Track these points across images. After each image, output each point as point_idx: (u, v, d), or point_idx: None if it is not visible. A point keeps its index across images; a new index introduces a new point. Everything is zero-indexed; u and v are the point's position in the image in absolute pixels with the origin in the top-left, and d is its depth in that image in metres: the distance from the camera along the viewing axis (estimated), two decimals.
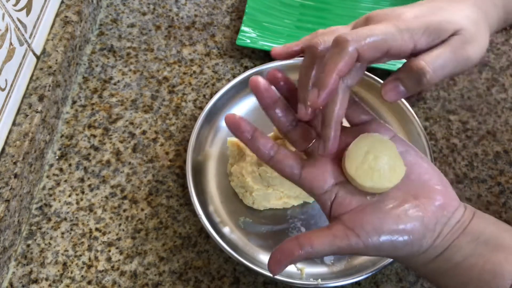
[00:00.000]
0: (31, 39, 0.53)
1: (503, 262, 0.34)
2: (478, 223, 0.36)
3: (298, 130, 0.39)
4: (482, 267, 0.34)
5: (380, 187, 0.36)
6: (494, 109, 0.60)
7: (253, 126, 0.38)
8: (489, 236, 0.35)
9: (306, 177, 0.37)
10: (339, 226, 0.35)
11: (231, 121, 0.38)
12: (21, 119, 0.51)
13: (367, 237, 0.34)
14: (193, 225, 0.52)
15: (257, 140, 0.38)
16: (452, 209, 0.36)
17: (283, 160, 0.38)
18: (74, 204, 0.52)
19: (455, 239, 0.35)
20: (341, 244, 0.34)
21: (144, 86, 0.60)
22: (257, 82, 0.38)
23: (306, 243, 0.35)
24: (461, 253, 0.35)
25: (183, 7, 0.66)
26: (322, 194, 0.37)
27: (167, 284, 0.49)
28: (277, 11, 0.64)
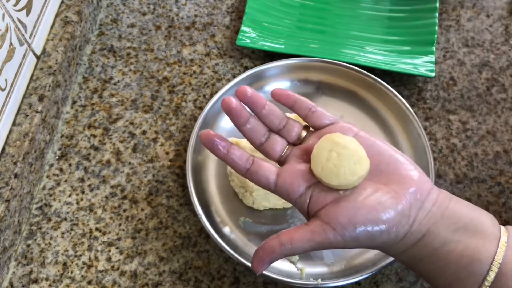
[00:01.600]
0: (31, 39, 0.53)
1: (480, 247, 0.34)
2: (456, 208, 0.36)
3: (270, 143, 0.41)
4: (461, 253, 0.35)
5: (347, 183, 0.36)
6: (494, 109, 0.60)
7: (227, 141, 0.40)
8: (468, 221, 0.35)
9: (281, 185, 0.38)
10: (316, 222, 0.36)
11: (206, 138, 0.40)
12: (21, 119, 0.51)
13: (343, 229, 0.35)
14: (193, 225, 0.52)
15: (233, 154, 0.39)
16: (425, 192, 0.36)
17: (258, 171, 0.39)
18: (74, 204, 0.52)
19: (432, 224, 0.36)
20: (319, 239, 0.35)
21: (144, 86, 0.60)
22: (230, 104, 0.40)
23: (285, 240, 0.36)
24: (439, 239, 0.35)
25: (183, 7, 0.66)
26: (298, 198, 0.38)
27: (167, 284, 0.49)
28: (277, 11, 0.64)
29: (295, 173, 0.38)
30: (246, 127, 0.41)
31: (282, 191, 0.39)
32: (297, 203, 0.38)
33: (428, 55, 0.60)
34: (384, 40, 0.63)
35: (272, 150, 0.41)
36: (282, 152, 0.41)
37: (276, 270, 0.48)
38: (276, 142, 0.41)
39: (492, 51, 0.64)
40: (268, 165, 0.39)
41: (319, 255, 0.50)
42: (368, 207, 0.35)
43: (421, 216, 0.36)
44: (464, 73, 0.62)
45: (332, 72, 0.58)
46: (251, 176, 0.39)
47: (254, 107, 0.41)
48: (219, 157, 0.40)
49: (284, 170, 0.39)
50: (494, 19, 0.66)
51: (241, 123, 0.41)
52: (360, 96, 0.58)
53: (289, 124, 0.41)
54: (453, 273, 0.35)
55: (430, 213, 0.36)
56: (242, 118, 0.40)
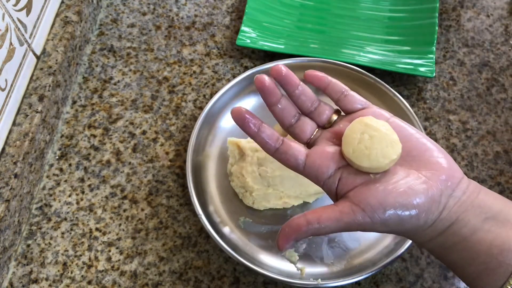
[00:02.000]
0: (31, 39, 0.53)
1: (509, 236, 0.34)
2: (486, 198, 0.36)
3: (299, 124, 0.40)
4: (491, 242, 0.34)
5: (379, 165, 0.36)
6: (494, 109, 0.60)
7: (258, 119, 0.39)
8: (498, 211, 0.35)
9: (310, 165, 0.38)
10: (345, 203, 0.36)
11: (238, 114, 0.39)
12: (21, 119, 0.51)
13: (372, 212, 0.35)
14: (193, 225, 0.52)
15: (263, 133, 0.39)
16: (456, 181, 0.36)
17: (287, 151, 0.39)
18: (74, 204, 0.52)
19: (462, 213, 0.35)
20: (347, 220, 0.35)
21: (144, 86, 0.60)
22: (263, 81, 0.39)
23: (313, 219, 0.35)
24: (469, 227, 0.35)
25: (183, 7, 0.66)
26: (327, 180, 0.38)
27: (167, 284, 0.49)
28: (277, 11, 0.64)
29: (325, 155, 0.38)
30: (277, 106, 0.40)
31: (310, 172, 0.38)
32: (325, 185, 0.38)
33: (428, 55, 0.60)
34: (384, 40, 0.63)
35: (301, 132, 0.40)
36: (311, 135, 0.40)
37: (276, 270, 0.48)
38: (306, 124, 0.40)
39: (492, 51, 0.64)
40: (298, 146, 0.39)
41: (319, 255, 0.50)
42: (399, 191, 0.35)
43: (451, 204, 0.35)
44: (464, 73, 0.62)
45: (332, 72, 0.58)
46: (280, 156, 0.39)
47: (288, 86, 0.40)
48: (249, 135, 0.39)
49: (314, 152, 0.39)
50: (494, 19, 0.66)
51: (272, 102, 0.40)
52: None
53: (321, 107, 0.41)
54: (483, 263, 0.35)
55: (460, 201, 0.36)
56: (274, 97, 0.40)
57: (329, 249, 0.50)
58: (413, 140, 0.38)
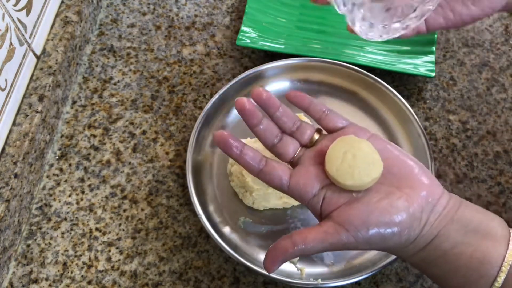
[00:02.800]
0: (31, 39, 0.53)
1: (491, 249, 0.35)
2: (466, 212, 0.37)
3: (282, 144, 0.41)
4: (471, 255, 0.35)
5: (362, 184, 0.37)
6: (494, 109, 0.60)
7: (241, 141, 0.40)
8: (478, 224, 0.36)
9: (294, 186, 0.39)
10: (329, 223, 0.37)
11: (220, 138, 0.40)
12: (21, 119, 0.51)
13: (356, 231, 0.35)
14: (193, 225, 0.52)
15: (246, 155, 0.40)
16: (437, 196, 0.37)
17: (271, 172, 0.39)
18: (74, 204, 0.52)
19: (443, 227, 0.36)
20: (332, 240, 0.36)
21: (144, 86, 0.60)
22: (243, 105, 0.40)
23: (299, 241, 0.36)
24: (449, 242, 0.36)
25: (183, 7, 0.66)
26: (311, 199, 0.38)
27: (167, 284, 0.49)
28: (277, 11, 0.64)
29: (309, 175, 0.39)
30: (259, 127, 0.41)
31: (295, 192, 0.39)
32: (310, 204, 0.39)
33: (428, 55, 0.60)
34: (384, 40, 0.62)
35: (284, 152, 0.41)
36: (294, 154, 0.41)
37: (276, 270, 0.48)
38: (288, 143, 0.41)
39: (492, 51, 0.64)
40: (281, 166, 0.40)
41: (319, 255, 0.50)
42: (381, 209, 0.36)
43: (432, 219, 0.36)
44: (464, 73, 0.62)
45: (332, 72, 0.58)
46: (264, 176, 0.40)
47: (268, 109, 0.41)
48: (232, 158, 0.40)
49: (297, 172, 0.39)
50: (494, 19, 0.66)
51: (254, 123, 0.41)
52: (360, 96, 0.58)
53: (302, 127, 0.42)
54: (463, 276, 0.35)
55: (441, 216, 0.36)
56: (255, 119, 0.41)
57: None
58: (393, 157, 0.39)
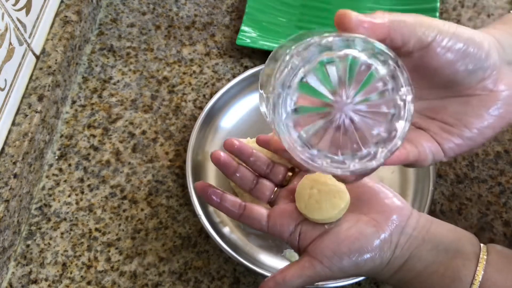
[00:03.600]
0: (31, 39, 0.53)
1: (461, 267, 0.36)
2: (436, 232, 0.38)
3: (259, 187, 0.44)
4: (443, 274, 0.36)
5: (330, 216, 0.38)
6: None
7: (220, 190, 0.42)
8: (448, 243, 0.37)
9: (272, 226, 0.41)
10: (305, 258, 0.38)
11: (200, 189, 0.43)
12: (20, 119, 0.50)
13: (329, 262, 0.37)
14: (193, 225, 0.52)
15: (226, 202, 0.42)
16: (405, 218, 0.38)
17: (250, 215, 0.41)
18: (74, 204, 0.52)
19: (415, 248, 0.37)
20: (309, 273, 0.38)
21: (144, 86, 0.60)
22: (218, 157, 0.43)
23: (279, 279, 0.38)
24: (422, 262, 0.37)
25: (183, 7, 0.66)
26: (289, 236, 0.40)
27: (167, 284, 0.49)
28: (277, 11, 0.64)
29: (284, 214, 0.41)
30: (236, 176, 0.44)
31: (274, 231, 0.41)
32: (289, 242, 0.40)
33: None
34: None
35: (262, 194, 0.44)
36: (271, 195, 0.43)
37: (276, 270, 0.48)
38: (265, 186, 0.44)
39: None
40: (259, 209, 0.42)
41: None
42: (350, 238, 0.37)
43: (402, 241, 0.37)
44: None
45: None
46: (245, 220, 0.42)
47: (242, 156, 0.44)
48: (213, 206, 0.43)
49: (273, 212, 0.41)
50: (495, 19, 0.66)
51: (230, 173, 0.44)
52: None
53: (275, 168, 0.44)
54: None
55: (411, 237, 0.38)
56: (230, 168, 0.43)
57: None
58: (361, 185, 0.40)
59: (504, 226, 0.52)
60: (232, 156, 0.44)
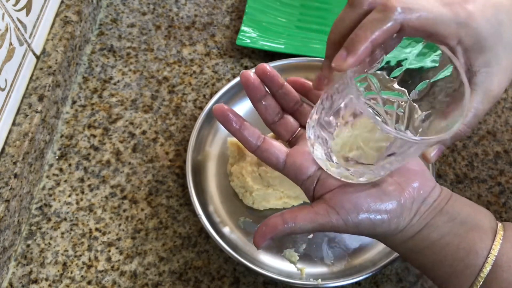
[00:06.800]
0: (31, 39, 0.53)
1: (477, 240, 0.35)
2: (455, 205, 0.37)
3: (282, 122, 0.42)
4: (457, 245, 0.35)
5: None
6: (494, 109, 0.60)
7: (240, 117, 0.40)
8: (466, 216, 0.36)
9: (290, 165, 0.39)
10: (321, 205, 0.37)
11: (219, 111, 0.40)
12: (21, 119, 0.50)
13: (346, 214, 0.36)
14: (193, 225, 0.52)
15: (245, 130, 0.40)
16: (429, 189, 0.37)
17: (268, 149, 0.39)
18: (74, 204, 0.52)
19: (432, 218, 0.36)
20: (322, 221, 0.36)
21: (144, 86, 0.60)
22: (248, 77, 0.40)
23: (289, 218, 0.37)
24: (437, 232, 0.36)
25: (183, 7, 0.66)
26: (306, 180, 0.38)
27: (167, 284, 0.49)
28: (277, 11, 0.64)
29: (305, 156, 0.39)
30: (261, 103, 0.41)
31: (290, 171, 0.39)
32: (304, 185, 0.39)
33: None
34: None
35: (283, 130, 0.41)
36: (293, 133, 0.41)
37: (276, 270, 0.48)
38: (288, 123, 0.41)
39: None
40: (279, 144, 0.40)
41: (319, 255, 0.50)
42: (372, 196, 0.36)
43: (422, 210, 0.36)
44: None
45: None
46: (261, 153, 0.40)
47: (272, 85, 0.41)
48: (231, 132, 0.40)
49: (295, 151, 0.39)
50: None
51: (257, 98, 0.41)
52: None
53: (304, 107, 0.42)
54: (450, 265, 0.36)
55: (431, 207, 0.37)
56: (258, 93, 0.41)
57: (329, 249, 0.50)
58: None
59: None
60: None
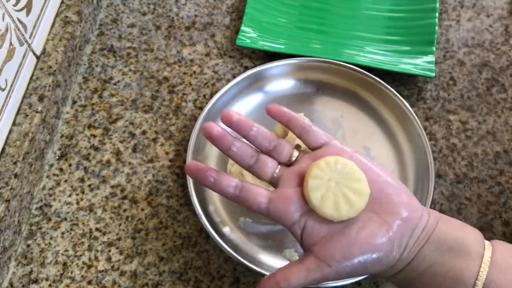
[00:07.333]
0: (31, 39, 0.53)
1: (464, 268, 0.35)
2: (443, 230, 0.37)
3: (259, 164, 0.40)
4: (445, 275, 0.36)
5: (346, 216, 0.36)
6: (494, 109, 0.60)
7: (214, 169, 0.39)
8: (452, 242, 0.36)
9: (274, 211, 0.38)
10: (311, 259, 0.37)
11: (192, 170, 0.39)
12: (21, 119, 0.51)
13: (337, 265, 0.36)
14: (193, 225, 0.52)
15: (221, 182, 0.38)
16: (416, 221, 0.37)
17: (248, 198, 0.38)
18: (74, 204, 0.52)
19: (420, 249, 0.37)
20: (315, 277, 0.36)
21: (144, 86, 0.60)
22: (209, 131, 0.39)
23: (282, 280, 0.36)
24: (426, 262, 0.36)
25: (183, 7, 0.66)
26: (292, 226, 0.38)
27: (167, 284, 0.49)
28: (277, 11, 0.64)
29: (288, 200, 0.38)
30: (232, 150, 0.40)
31: (275, 217, 0.38)
32: (290, 230, 0.38)
33: (428, 55, 0.60)
34: (384, 40, 0.63)
35: (263, 172, 0.40)
36: (273, 173, 0.40)
37: None
38: (266, 163, 0.40)
39: (492, 51, 0.64)
40: (259, 189, 0.38)
41: None
42: (361, 242, 0.36)
43: (410, 244, 0.37)
44: (464, 73, 0.62)
45: (332, 72, 0.58)
46: (242, 202, 0.38)
47: (241, 130, 0.40)
48: (207, 187, 0.39)
49: (277, 195, 0.38)
50: (494, 19, 0.66)
51: (225, 147, 0.40)
52: (360, 96, 0.58)
53: (280, 145, 0.40)
54: None
55: (419, 239, 0.37)
56: (225, 142, 0.39)
57: None
58: (376, 180, 0.38)
59: (504, 226, 0.52)
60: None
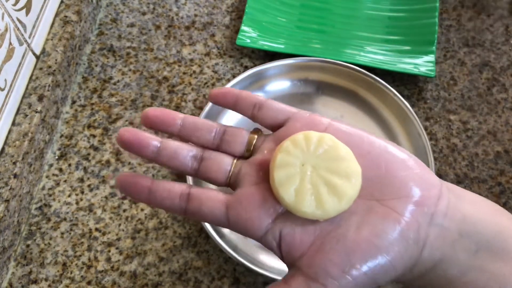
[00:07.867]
0: (31, 39, 0.53)
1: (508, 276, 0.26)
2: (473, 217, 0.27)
3: (207, 163, 0.30)
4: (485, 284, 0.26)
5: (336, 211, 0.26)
6: (494, 109, 0.59)
7: (149, 178, 0.30)
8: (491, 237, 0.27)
9: (235, 221, 0.28)
10: (299, 279, 0.26)
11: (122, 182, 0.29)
12: (20, 119, 0.50)
13: (334, 283, 0.25)
14: (193, 225, 0.52)
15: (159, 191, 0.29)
16: (433, 201, 0.27)
17: (200, 207, 0.28)
18: (74, 204, 0.52)
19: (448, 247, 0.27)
20: None
21: (144, 86, 0.60)
22: (122, 139, 0.29)
23: None
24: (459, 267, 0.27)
25: (183, 7, 0.66)
26: (263, 237, 0.28)
27: (167, 284, 0.49)
28: (277, 11, 0.64)
29: (252, 203, 0.27)
30: (160, 157, 0.30)
31: (239, 228, 0.28)
32: (263, 242, 0.28)
33: (428, 55, 0.60)
34: (384, 40, 0.62)
35: (213, 174, 0.30)
36: (228, 172, 0.29)
37: (276, 270, 0.48)
38: (215, 161, 0.30)
39: (492, 51, 0.64)
40: (211, 192, 0.29)
41: None
42: (363, 245, 0.25)
43: (432, 236, 0.26)
44: (465, 73, 0.62)
45: (332, 72, 0.58)
46: (193, 215, 0.29)
47: (166, 127, 0.30)
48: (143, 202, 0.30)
49: (236, 200, 0.28)
50: (495, 19, 0.66)
51: (149, 154, 0.29)
52: (360, 96, 0.58)
53: (229, 134, 0.30)
54: None
55: (443, 230, 0.26)
56: (145, 149, 0.29)
57: None
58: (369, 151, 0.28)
59: None
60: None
